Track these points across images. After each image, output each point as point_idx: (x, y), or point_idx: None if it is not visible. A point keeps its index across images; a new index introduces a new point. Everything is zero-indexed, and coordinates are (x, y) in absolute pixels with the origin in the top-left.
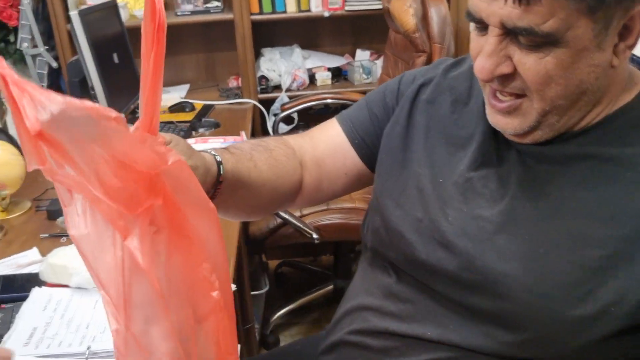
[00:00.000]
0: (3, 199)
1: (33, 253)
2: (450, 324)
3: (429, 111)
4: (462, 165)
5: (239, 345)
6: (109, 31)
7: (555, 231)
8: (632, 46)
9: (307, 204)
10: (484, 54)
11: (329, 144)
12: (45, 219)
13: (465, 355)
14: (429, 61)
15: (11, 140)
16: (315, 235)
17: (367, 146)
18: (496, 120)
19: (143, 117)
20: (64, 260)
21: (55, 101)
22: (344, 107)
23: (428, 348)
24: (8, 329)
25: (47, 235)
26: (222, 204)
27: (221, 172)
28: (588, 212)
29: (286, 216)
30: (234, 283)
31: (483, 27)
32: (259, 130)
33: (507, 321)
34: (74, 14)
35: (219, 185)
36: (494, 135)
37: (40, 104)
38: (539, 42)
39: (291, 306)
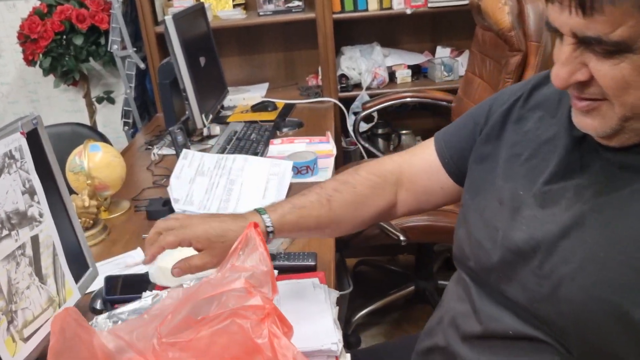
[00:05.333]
0: (105, 199)
1: (137, 253)
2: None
3: (516, 129)
4: (542, 179)
5: None
6: (197, 33)
7: (619, 236)
8: None
9: (407, 213)
10: (559, 62)
11: (424, 163)
12: (144, 219)
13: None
14: (524, 60)
15: (102, 137)
16: (402, 237)
17: (455, 165)
18: (578, 120)
19: None
20: (173, 264)
21: None
22: (423, 105)
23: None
24: None
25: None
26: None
27: (270, 236)
28: None
29: None
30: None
31: (560, 35)
32: (339, 128)
33: (565, 326)
34: (168, 18)
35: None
36: (579, 145)
37: None
38: (612, 49)
39: (373, 307)
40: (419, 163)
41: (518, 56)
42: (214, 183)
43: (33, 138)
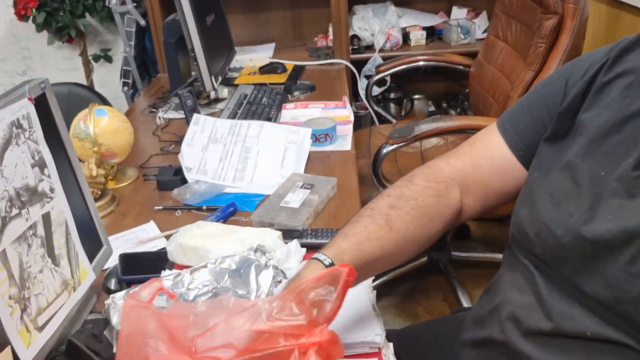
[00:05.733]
0: (112, 167)
1: (151, 227)
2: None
3: (597, 101)
4: (630, 159)
5: None
6: None
7: None
8: None
9: (473, 218)
10: None
11: (495, 164)
12: (155, 188)
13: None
14: (559, 24)
15: (102, 99)
16: None
17: (532, 155)
18: None
19: None
20: (194, 242)
21: None
22: (436, 68)
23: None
24: None
25: (161, 207)
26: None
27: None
28: None
29: None
30: None
31: None
32: (350, 92)
33: None
34: None
35: None
36: None
37: None
38: None
39: (385, 278)
40: (488, 165)
41: (553, 19)
42: (229, 151)
43: (40, 104)
